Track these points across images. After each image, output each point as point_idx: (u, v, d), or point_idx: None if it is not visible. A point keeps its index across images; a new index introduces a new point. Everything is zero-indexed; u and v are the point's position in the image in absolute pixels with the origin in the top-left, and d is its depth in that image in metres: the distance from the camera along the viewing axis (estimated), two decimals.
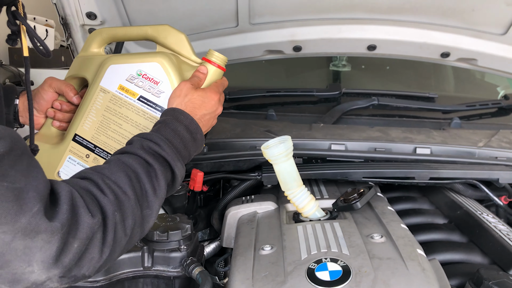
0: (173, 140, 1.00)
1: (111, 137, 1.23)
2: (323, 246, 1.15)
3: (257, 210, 1.44)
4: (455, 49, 1.93)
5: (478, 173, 1.54)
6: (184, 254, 1.19)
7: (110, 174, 0.87)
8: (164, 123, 1.04)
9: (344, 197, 1.37)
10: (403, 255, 1.09)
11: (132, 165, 0.90)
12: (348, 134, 1.77)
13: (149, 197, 0.90)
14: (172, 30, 1.26)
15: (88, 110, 1.25)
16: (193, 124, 1.07)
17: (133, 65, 1.22)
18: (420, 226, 1.47)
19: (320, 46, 1.94)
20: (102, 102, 1.23)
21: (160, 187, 0.92)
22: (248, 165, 1.61)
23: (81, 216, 0.77)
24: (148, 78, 1.20)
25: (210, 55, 1.24)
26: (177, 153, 0.99)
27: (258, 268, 1.12)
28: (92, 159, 1.25)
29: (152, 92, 1.21)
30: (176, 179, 0.99)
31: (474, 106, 2.21)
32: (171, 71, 1.19)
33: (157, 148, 0.96)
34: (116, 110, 1.23)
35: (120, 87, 1.22)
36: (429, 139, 1.76)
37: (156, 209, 0.92)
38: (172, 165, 0.97)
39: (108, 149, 1.24)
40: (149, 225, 0.92)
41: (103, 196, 0.83)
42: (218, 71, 1.24)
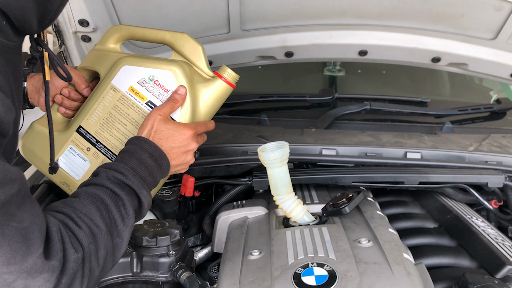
0: (137, 168, 1.02)
1: (115, 135, 1.25)
2: (310, 251, 1.15)
3: (247, 215, 1.45)
4: (445, 54, 1.94)
5: (467, 177, 1.54)
6: (172, 259, 1.19)
7: (81, 207, 0.89)
8: (128, 152, 1.06)
9: (333, 202, 1.37)
10: (389, 260, 1.10)
11: (100, 197, 0.92)
12: (339, 139, 1.78)
13: (118, 226, 0.93)
14: (190, 39, 1.27)
15: (96, 105, 1.26)
16: (157, 151, 1.09)
17: (147, 69, 1.22)
18: (410, 230, 1.48)
19: (312, 52, 1.96)
20: (111, 100, 1.24)
21: (129, 216, 0.95)
22: (239, 170, 1.62)
23: (68, 252, 0.81)
24: (159, 84, 1.21)
25: (222, 70, 1.25)
26: (142, 181, 1.01)
27: (245, 273, 1.12)
28: (93, 153, 1.27)
29: (161, 99, 1.22)
30: (142, 206, 1.01)
31: (466, 110, 2.22)
32: (183, 81, 1.21)
33: (123, 177, 0.98)
34: (123, 110, 1.24)
35: (130, 88, 1.23)
36: (419, 144, 1.76)
37: (126, 237, 0.94)
38: (138, 193, 0.99)
39: (109, 146, 1.26)
40: (120, 252, 0.94)
41: (79, 229, 0.86)
42: (227, 88, 1.25)
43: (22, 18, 0.89)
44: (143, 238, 1.20)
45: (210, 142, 1.74)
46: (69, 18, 1.71)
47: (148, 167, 1.05)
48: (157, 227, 1.25)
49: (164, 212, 1.49)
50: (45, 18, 0.95)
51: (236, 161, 1.62)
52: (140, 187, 1.00)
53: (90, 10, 1.70)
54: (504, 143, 1.80)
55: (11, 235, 0.73)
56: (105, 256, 0.90)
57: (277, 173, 1.31)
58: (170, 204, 1.48)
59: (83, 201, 0.91)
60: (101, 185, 0.95)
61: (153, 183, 1.07)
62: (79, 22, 1.73)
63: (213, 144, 1.75)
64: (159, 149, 1.10)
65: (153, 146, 1.09)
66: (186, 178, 1.53)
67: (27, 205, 0.78)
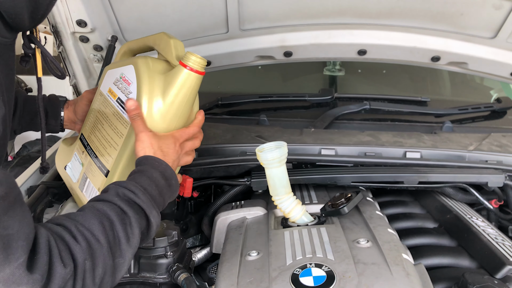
0: (148, 187, 1.00)
1: (97, 136, 1.29)
2: (308, 251, 1.15)
3: (246, 216, 1.44)
4: (445, 53, 1.93)
5: (467, 176, 1.53)
6: (170, 261, 1.19)
7: (84, 220, 0.86)
8: (140, 172, 1.04)
9: (332, 202, 1.37)
10: (388, 260, 1.09)
11: (106, 212, 0.89)
12: (338, 138, 1.77)
13: (122, 245, 0.88)
14: (164, 36, 1.25)
15: (90, 111, 1.34)
16: (168, 170, 1.08)
17: (118, 69, 1.25)
18: (410, 230, 1.47)
19: (311, 51, 1.95)
20: (98, 104, 1.30)
21: (134, 235, 0.91)
22: (238, 170, 1.62)
23: (55, 267, 0.77)
24: (125, 80, 1.22)
25: (186, 58, 1.17)
26: (152, 201, 0.99)
27: (243, 274, 1.12)
28: (85, 156, 1.31)
29: (125, 93, 1.21)
30: (151, 227, 0.97)
31: (467, 109, 2.20)
32: (140, 72, 1.19)
33: (132, 195, 0.95)
34: (104, 112, 1.27)
35: (109, 90, 1.26)
36: (419, 143, 1.75)
37: (129, 258, 0.90)
38: (147, 212, 0.96)
39: (93, 147, 1.28)
40: (121, 273, 0.90)
41: (75, 243, 0.82)
42: (195, 76, 1.18)
43: (13, 12, 0.88)
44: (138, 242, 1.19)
45: (208, 143, 1.74)
46: (67, 18, 1.70)
47: (158, 186, 1.03)
48: None
49: (163, 213, 1.48)
50: (36, 13, 0.94)
51: (234, 162, 1.61)
52: (150, 207, 0.97)
53: (88, 11, 1.70)
54: (504, 142, 1.79)
55: None
56: (103, 275, 0.85)
57: (275, 173, 1.30)
58: (168, 205, 1.46)
59: (87, 214, 0.88)
60: (109, 201, 0.93)
61: (162, 204, 1.05)
62: (77, 22, 1.72)
63: (212, 144, 1.74)
64: (170, 168, 1.09)
65: (163, 164, 1.08)
66: (184, 179, 1.52)
67: (17, 212, 0.75)
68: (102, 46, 1.84)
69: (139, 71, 1.19)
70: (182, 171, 1.54)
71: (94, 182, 1.25)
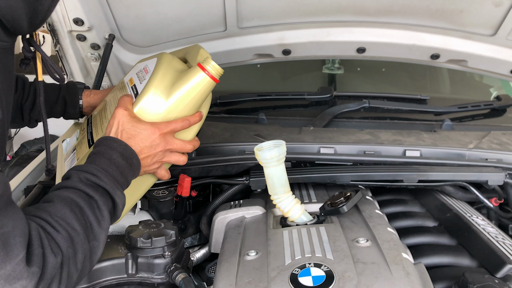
0: (109, 169, 1.01)
1: (101, 115, 1.29)
2: (307, 251, 1.14)
3: (245, 215, 1.43)
4: (444, 51, 1.93)
5: (467, 175, 1.52)
6: (168, 261, 1.18)
7: (56, 211, 0.87)
8: (99, 153, 1.04)
9: (331, 201, 1.36)
10: (387, 260, 1.08)
11: (74, 200, 0.91)
12: (337, 137, 1.76)
13: (94, 229, 0.91)
14: (196, 46, 1.30)
15: (106, 97, 1.35)
16: (127, 150, 1.07)
17: (145, 62, 1.28)
18: (410, 229, 1.46)
19: (309, 49, 1.94)
20: (116, 90, 1.33)
21: (104, 218, 0.94)
22: (236, 169, 1.60)
23: (47, 257, 0.79)
24: (146, 69, 1.24)
25: (206, 62, 1.19)
26: (115, 181, 1.00)
27: (242, 274, 1.11)
28: (83, 131, 1.32)
29: (140, 80, 1.22)
30: (117, 207, 0.99)
31: (466, 107, 2.19)
32: (159, 64, 1.19)
33: (95, 179, 0.96)
34: (117, 95, 1.28)
35: (130, 80, 1.29)
36: (419, 142, 1.74)
37: (102, 239, 0.93)
38: (111, 193, 0.97)
39: (93, 124, 1.28)
40: (97, 256, 0.92)
41: (57, 233, 0.84)
42: (209, 81, 1.19)
43: (11, 18, 0.88)
44: (138, 239, 1.18)
45: (207, 141, 1.73)
46: (64, 17, 1.69)
47: (119, 166, 1.03)
48: (152, 228, 1.24)
49: (160, 212, 1.48)
50: (35, 19, 0.94)
51: (233, 160, 1.60)
52: (114, 188, 0.98)
53: (85, 9, 1.69)
54: (504, 140, 1.78)
55: None
56: (83, 260, 0.88)
57: (274, 172, 1.29)
58: (166, 204, 1.47)
59: (57, 205, 0.89)
60: (74, 188, 0.93)
61: (125, 183, 1.05)
62: (74, 21, 1.71)
63: (210, 143, 1.73)
64: (129, 147, 1.08)
65: (122, 145, 1.07)
66: (182, 178, 1.51)
67: (9, 210, 0.76)
68: (100, 45, 1.83)
69: (159, 62, 1.20)
70: (180, 170, 1.54)
71: (78, 153, 1.24)
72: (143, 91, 1.15)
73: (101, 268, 1.16)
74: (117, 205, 0.99)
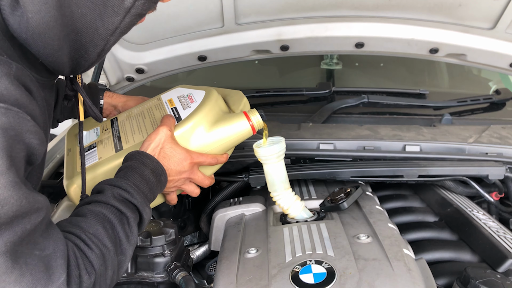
0: (140, 185, 1.02)
1: (132, 123, 1.32)
2: (308, 248, 1.13)
3: (244, 212, 1.43)
4: (443, 45, 1.91)
5: (467, 169, 1.51)
6: (168, 259, 1.17)
7: (89, 227, 0.88)
8: (131, 168, 1.05)
9: (331, 197, 1.35)
10: (389, 256, 1.08)
11: (106, 216, 0.92)
12: (337, 133, 1.75)
13: (123, 244, 0.92)
14: (239, 92, 1.38)
15: (137, 107, 1.39)
16: (158, 168, 1.09)
17: (189, 89, 1.34)
18: (410, 224, 1.46)
19: (307, 45, 1.93)
20: (150, 104, 1.36)
21: (133, 234, 0.95)
22: (236, 166, 1.59)
23: (83, 278, 0.80)
24: (191, 98, 1.28)
25: (251, 112, 1.25)
26: (145, 198, 1.01)
27: (242, 272, 1.10)
28: (106, 132, 1.33)
29: (183, 106, 1.27)
30: (143, 223, 1.01)
31: (465, 101, 2.18)
32: (208, 98, 1.24)
33: (128, 195, 0.97)
34: (154, 112, 1.31)
35: (169, 100, 1.33)
36: (418, 136, 1.72)
37: (129, 254, 0.94)
38: (141, 210, 0.98)
39: (121, 129, 1.31)
40: (123, 270, 0.94)
41: (91, 251, 0.84)
42: (247, 130, 1.24)
43: (53, 66, 0.91)
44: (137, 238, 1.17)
45: None
46: None
47: (149, 183, 1.04)
48: (151, 227, 1.23)
49: (160, 211, 1.47)
50: (77, 70, 0.96)
51: (232, 158, 1.57)
52: (144, 205, 0.99)
53: None
54: (504, 134, 1.78)
55: (34, 264, 0.72)
56: (112, 275, 0.89)
57: (273, 169, 1.29)
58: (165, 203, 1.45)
59: (90, 220, 0.89)
60: (107, 203, 0.94)
61: (152, 199, 1.06)
62: None
63: None
64: (160, 165, 1.10)
65: (155, 162, 1.09)
66: None
67: (50, 232, 0.77)
68: None
69: (208, 97, 1.25)
70: None
71: (100, 152, 1.24)
72: (188, 118, 1.20)
73: None
74: (143, 221, 1.01)
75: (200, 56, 1.95)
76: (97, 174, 1.16)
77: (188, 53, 1.92)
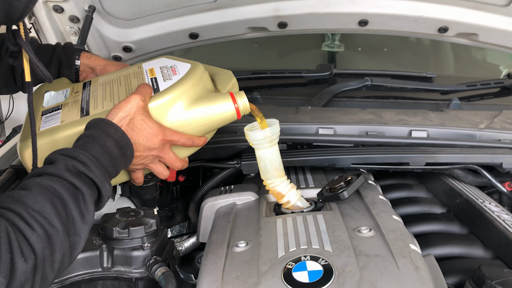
0: (100, 158, 0.90)
1: (105, 89, 1.20)
2: (303, 242, 1.02)
3: (235, 202, 1.33)
4: (453, 23, 1.79)
5: (479, 157, 1.40)
6: (147, 253, 1.06)
7: (34, 203, 0.76)
8: (92, 137, 0.93)
9: (330, 186, 1.24)
10: (393, 252, 0.97)
11: (57, 191, 0.80)
12: (337, 117, 1.64)
13: (76, 224, 0.81)
14: (229, 72, 1.28)
15: (115, 73, 1.27)
16: (124, 139, 0.97)
17: (174, 61, 1.23)
18: (416, 216, 1.37)
19: (307, 22, 1.80)
20: (129, 72, 1.25)
21: (89, 212, 0.84)
22: (227, 152, 1.49)
23: (16, 263, 0.69)
24: (174, 70, 1.18)
25: (239, 95, 1.13)
26: (105, 172, 0.90)
27: (229, 268, 0.99)
28: (76, 94, 1.22)
29: (164, 77, 1.16)
30: (102, 200, 0.90)
31: (475, 86, 2.06)
32: (192, 73, 1.14)
33: (84, 168, 0.86)
34: (131, 80, 1.20)
35: (150, 69, 1.22)
36: (425, 121, 1.61)
37: (84, 235, 0.83)
38: (99, 186, 0.88)
39: (92, 93, 1.20)
40: (77, 251, 0.84)
41: (32, 231, 0.73)
42: (232, 113, 1.12)
43: None
44: (113, 229, 1.06)
45: None
46: None
47: (112, 156, 0.93)
48: (130, 217, 1.12)
49: (143, 199, 1.36)
50: (12, 14, 0.85)
51: (223, 142, 1.48)
52: (103, 180, 0.88)
53: None
54: None
55: None
56: (61, 259, 0.78)
57: (266, 155, 1.17)
58: (149, 190, 1.35)
59: (36, 196, 0.78)
60: (59, 176, 0.82)
61: (114, 174, 0.95)
62: None
63: None
64: (127, 137, 0.98)
65: (120, 132, 0.97)
66: None
67: None
68: (79, 17, 1.69)
69: (193, 71, 1.14)
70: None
71: (64, 115, 1.13)
72: (167, 91, 1.09)
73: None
74: (102, 198, 0.90)
75: (191, 33, 1.83)
76: (57, 139, 1.05)
77: (179, 30, 1.80)
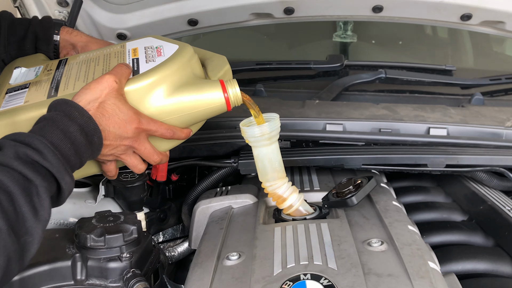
0: (60, 145, 0.78)
1: (80, 68, 1.09)
2: (303, 256, 0.89)
3: (232, 205, 1.21)
4: (478, 10, 1.65)
5: (506, 159, 1.28)
6: (126, 265, 0.93)
7: None
8: (51, 120, 0.81)
9: (337, 190, 1.12)
10: (409, 271, 0.83)
11: (2, 183, 0.68)
12: (347, 112, 1.53)
13: (27, 222, 0.69)
14: (223, 57, 1.17)
15: (95, 51, 1.16)
16: (90, 125, 0.84)
17: (161, 41, 1.11)
18: (433, 224, 1.24)
19: (316, 8, 1.68)
20: (110, 51, 1.14)
21: (43, 208, 0.72)
22: (224, 149, 1.38)
23: None
24: (159, 51, 1.06)
25: (230, 85, 1.01)
26: (65, 162, 0.78)
27: (217, 285, 0.87)
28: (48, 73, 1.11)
29: (147, 59, 1.04)
30: (61, 194, 0.78)
31: (500, 79, 1.94)
32: (179, 55, 1.02)
33: (38, 157, 0.73)
34: (110, 60, 1.09)
35: (133, 49, 1.11)
36: (445, 118, 1.50)
37: (38, 234, 0.71)
38: (58, 178, 0.75)
39: (65, 72, 1.09)
40: (30, 254, 0.71)
41: None
42: (221, 103, 1.00)
43: None
44: (87, 237, 0.94)
45: None
46: None
47: (75, 143, 0.80)
48: (109, 222, 0.99)
49: (129, 200, 1.23)
50: None
51: (220, 138, 1.37)
52: (61, 171, 0.75)
53: None
54: None
55: None
56: (6, 264, 0.66)
57: (265, 154, 1.05)
58: (135, 191, 1.22)
59: None
60: (6, 166, 0.70)
61: (78, 164, 0.83)
62: None
63: None
64: (94, 122, 0.85)
65: (86, 116, 0.84)
66: None
67: None
68: (68, 1, 1.58)
69: (180, 53, 1.03)
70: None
71: (30, 95, 1.02)
72: (147, 73, 0.98)
73: (39, 273, 0.92)
74: (62, 193, 0.78)
75: (190, 19, 1.72)
76: (17, 121, 0.93)
77: (177, 16, 1.70)
